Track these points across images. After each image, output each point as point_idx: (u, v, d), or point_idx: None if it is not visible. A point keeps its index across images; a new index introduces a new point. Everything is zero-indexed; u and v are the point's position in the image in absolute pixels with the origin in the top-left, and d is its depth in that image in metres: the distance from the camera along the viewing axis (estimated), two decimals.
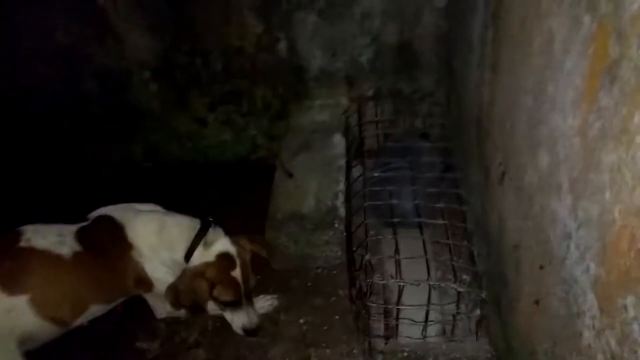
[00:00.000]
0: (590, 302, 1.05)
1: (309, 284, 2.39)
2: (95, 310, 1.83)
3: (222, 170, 3.10)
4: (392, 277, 1.82)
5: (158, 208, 2.00)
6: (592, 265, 1.02)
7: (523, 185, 1.46)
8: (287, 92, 2.86)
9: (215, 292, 1.85)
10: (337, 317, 2.23)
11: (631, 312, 0.88)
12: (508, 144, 1.59)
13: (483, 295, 1.76)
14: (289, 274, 2.44)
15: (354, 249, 2.08)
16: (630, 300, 0.88)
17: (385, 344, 1.96)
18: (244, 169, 3.06)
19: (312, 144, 2.81)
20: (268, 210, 2.49)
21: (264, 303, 2.25)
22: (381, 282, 1.80)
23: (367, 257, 1.80)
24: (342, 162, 2.64)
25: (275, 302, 2.26)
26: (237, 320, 1.95)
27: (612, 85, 0.88)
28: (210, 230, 1.94)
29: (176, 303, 1.83)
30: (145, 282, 1.92)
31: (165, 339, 2.23)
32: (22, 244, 1.59)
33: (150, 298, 2.07)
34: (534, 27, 1.28)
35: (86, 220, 1.84)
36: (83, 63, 2.79)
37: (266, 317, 2.26)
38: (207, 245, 1.90)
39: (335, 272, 2.43)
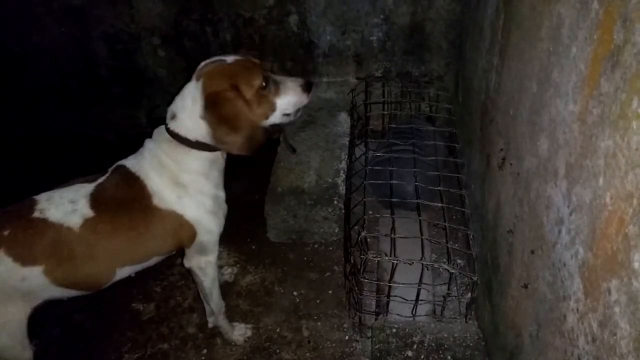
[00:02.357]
0: (576, 285, 1.07)
1: (305, 258, 2.43)
2: (127, 271, 1.72)
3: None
4: (386, 255, 1.85)
5: (148, 140, 1.73)
6: (581, 250, 1.04)
7: (522, 171, 1.47)
8: (295, 67, 2.86)
9: (243, 88, 1.57)
10: (330, 291, 2.27)
11: (614, 295, 0.90)
12: (510, 130, 1.59)
13: (475, 279, 1.78)
14: (285, 247, 2.48)
15: (352, 226, 2.11)
16: (614, 283, 0.90)
17: (375, 319, 1.99)
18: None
19: (317, 121, 2.82)
20: (269, 184, 2.52)
21: (238, 331, 2.12)
22: (375, 259, 1.82)
23: (363, 233, 1.82)
24: (346, 140, 2.66)
25: (249, 332, 2.13)
26: (292, 91, 1.70)
27: (613, 70, 0.89)
28: (168, 116, 1.66)
29: (235, 138, 1.59)
30: (182, 230, 1.70)
31: (160, 302, 2.29)
32: (36, 214, 1.55)
33: (189, 252, 1.83)
34: (544, 13, 1.28)
35: (105, 172, 1.69)
36: (93, 24, 2.79)
37: (261, 287, 2.31)
38: (179, 108, 1.62)
39: (331, 248, 2.47)
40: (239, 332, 2.10)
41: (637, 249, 0.81)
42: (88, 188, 1.62)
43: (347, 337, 2.08)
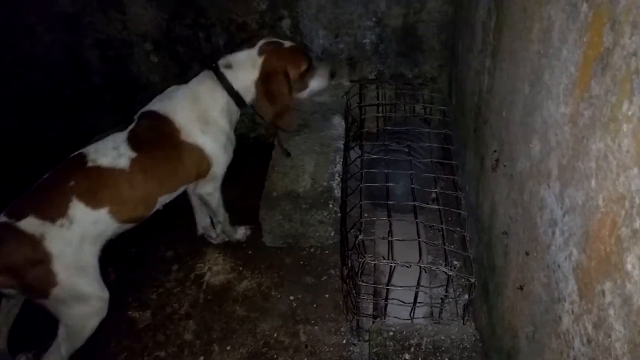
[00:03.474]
0: (570, 287, 1.07)
1: (301, 263, 2.42)
2: (164, 199, 1.98)
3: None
4: (383, 258, 1.84)
5: (176, 87, 2.08)
6: (575, 252, 1.04)
7: (515, 173, 1.47)
8: None
9: (291, 71, 2.04)
10: (327, 295, 2.27)
11: (608, 298, 0.90)
12: (503, 132, 1.60)
13: (472, 280, 1.78)
14: (281, 251, 2.47)
15: (348, 229, 2.11)
16: (608, 285, 0.90)
17: (373, 323, 1.99)
18: (242, 146, 3.08)
19: (311, 125, 2.82)
20: (263, 188, 2.51)
21: (240, 232, 2.51)
22: (373, 262, 1.82)
23: (360, 236, 1.82)
24: (341, 143, 2.65)
25: (249, 231, 2.53)
26: (322, 77, 2.19)
27: (603, 73, 0.89)
28: (221, 63, 2.04)
29: (271, 109, 2.04)
30: (203, 162, 2.02)
31: (156, 309, 2.27)
32: (90, 164, 1.79)
33: (202, 181, 2.14)
34: (534, 14, 1.28)
35: (132, 121, 1.95)
36: (85, 31, 2.78)
37: (257, 293, 2.30)
38: (237, 64, 2.03)
39: (327, 252, 2.46)
40: (241, 232, 2.49)
41: (629, 251, 0.81)
42: (123, 135, 1.87)
43: (344, 341, 2.08)
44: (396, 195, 2.17)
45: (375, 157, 2.23)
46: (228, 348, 2.09)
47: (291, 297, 2.27)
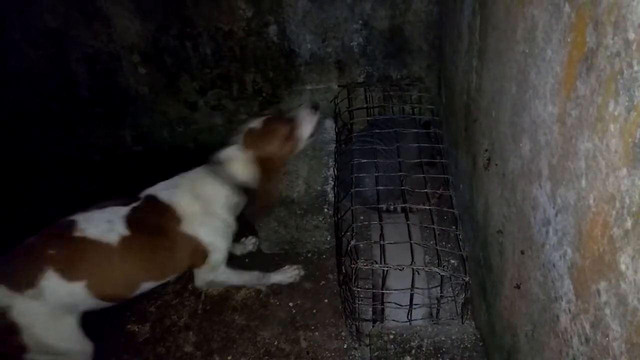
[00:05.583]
0: (566, 286, 1.07)
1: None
2: (147, 287, 1.92)
3: (212, 155, 3.09)
4: (376, 262, 1.85)
5: (182, 175, 2.04)
6: (569, 251, 1.04)
7: (507, 172, 1.47)
8: (278, 77, 2.85)
9: (274, 144, 2.00)
10: (326, 300, 2.27)
11: (604, 297, 0.90)
12: (494, 131, 1.60)
13: (466, 279, 1.79)
14: (278, 258, 2.47)
15: (342, 234, 2.11)
16: (603, 285, 0.90)
17: (372, 326, 1.99)
18: None
19: None
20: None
21: (291, 272, 2.36)
22: (365, 267, 1.82)
23: (352, 242, 1.82)
24: (333, 147, 2.66)
25: (302, 272, 2.38)
26: (306, 119, 2.11)
27: (588, 73, 0.89)
28: (217, 159, 2.02)
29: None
30: (197, 252, 1.94)
31: (155, 322, 2.26)
32: (77, 233, 1.71)
33: (199, 271, 2.07)
34: (518, 15, 1.29)
35: (138, 199, 1.91)
36: (71, 46, 2.76)
37: (256, 301, 2.30)
38: (231, 160, 1.99)
39: (324, 256, 2.46)
40: (290, 274, 2.35)
41: (622, 251, 0.82)
42: (123, 210, 1.82)
43: (345, 346, 2.08)
44: (394, 195, 2.18)
45: (365, 161, 2.23)
46: (229, 358, 2.09)
47: (290, 304, 2.27)
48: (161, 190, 1.94)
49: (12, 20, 2.70)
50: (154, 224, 1.86)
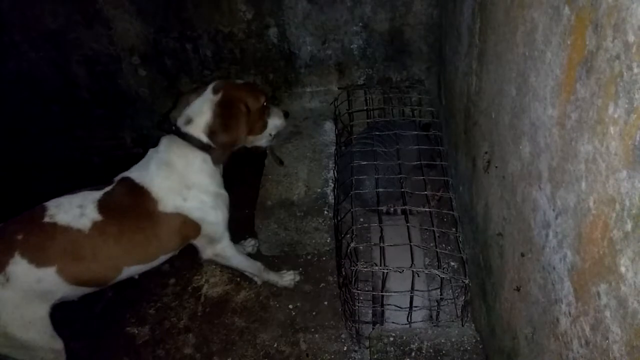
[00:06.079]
0: (566, 289, 1.07)
1: (298, 270, 2.41)
2: (134, 270, 1.87)
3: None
4: (376, 265, 1.84)
5: (153, 150, 1.92)
6: (569, 253, 1.04)
7: (507, 174, 1.47)
8: (278, 79, 2.86)
9: (250, 103, 1.89)
10: (325, 302, 2.27)
11: (604, 300, 0.90)
12: (494, 133, 1.60)
13: (466, 282, 1.79)
14: (278, 260, 2.47)
15: (342, 236, 2.11)
16: (602, 288, 0.90)
17: (372, 329, 1.99)
18: (234, 155, 3.09)
19: (303, 131, 2.82)
20: (258, 197, 2.51)
21: (287, 277, 2.34)
22: (365, 269, 1.82)
23: (352, 245, 1.82)
24: (332, 149, 2.66)
25: (297, 277, 2.37)
26: (278, 116, 2.08)
27: (588, 76, 0.89)
28: (181, 122, 1.86)
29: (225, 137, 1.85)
30: (186, 228, 1.88)
31: (155, 324, 2.26)
32: (46, 219, 1.69)
33: (199, 242, 2.01)
34: (517, 18, 1.29)
35: (111, 183, 1.85)
36: (72, 48, 2.77)
37: (256, 303, 2.30)
38: (196, 112, 1.84)
39: (324, 258, 2.46)
40: (288, 279, 2.33)
41: (622, 254, 0.82)
42: (95, 195, 1.78)
43: (345, 348, 2.08)
44: (393, 197, 2.18)
45: (364, 163, 2.23)
46: None
47: (290, 306, 2.27)
48: (134, 172, 1.87)
49: (13, 22, 2.70)
50: (129, 206, 1.79)
